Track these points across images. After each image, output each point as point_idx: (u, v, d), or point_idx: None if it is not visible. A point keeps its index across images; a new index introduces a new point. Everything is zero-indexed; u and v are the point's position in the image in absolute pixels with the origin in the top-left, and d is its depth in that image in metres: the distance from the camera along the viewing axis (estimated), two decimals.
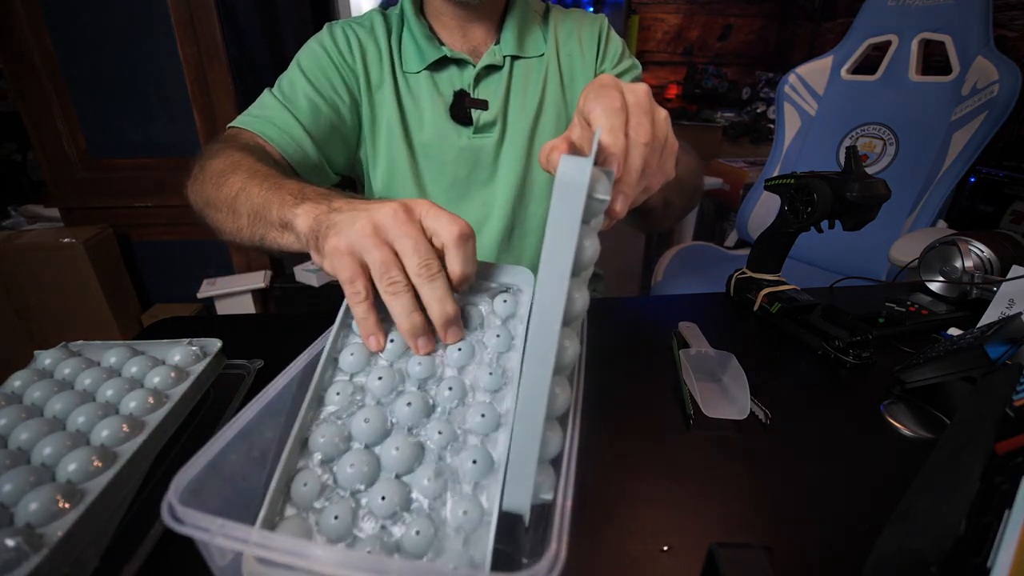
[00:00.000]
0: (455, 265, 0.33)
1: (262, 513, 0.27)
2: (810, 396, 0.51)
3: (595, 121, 0.32)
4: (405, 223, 0.33)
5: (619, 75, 0.77)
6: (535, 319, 0.26)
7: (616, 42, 0.78)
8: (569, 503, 0.25)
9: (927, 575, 0.26)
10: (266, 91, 0.68)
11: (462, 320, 0.35)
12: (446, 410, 0.32)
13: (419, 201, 0.34)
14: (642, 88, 0.35)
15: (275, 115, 0.64)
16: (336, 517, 0.27)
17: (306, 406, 0.31)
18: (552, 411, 0.29)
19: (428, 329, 0.34)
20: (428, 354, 0.34)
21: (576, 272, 0.30)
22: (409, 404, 0.32)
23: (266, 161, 0.55)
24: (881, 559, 0.30)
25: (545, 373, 0.26)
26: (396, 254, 0.33)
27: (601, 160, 0.32)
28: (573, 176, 0.26)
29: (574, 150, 0.34)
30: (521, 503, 0.26)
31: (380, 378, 0.33)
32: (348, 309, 0.36)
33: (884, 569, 0.29)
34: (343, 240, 0.33)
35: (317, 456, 0.30)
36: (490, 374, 0.33)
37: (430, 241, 0.34)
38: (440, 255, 0.34)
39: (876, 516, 0.34)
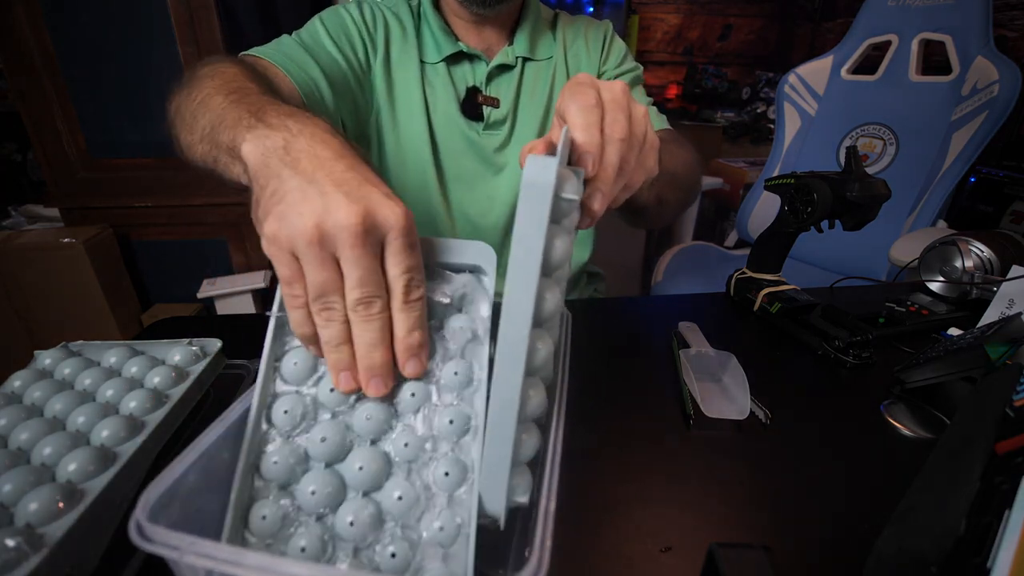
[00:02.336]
0: (398, 327, 0.28)
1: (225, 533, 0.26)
2: (810, 396, 0.51)
3: (569, 119, 0.31)
4: (359, 246, 0.26)
5: (619, 75, 0.78)
6: (504, 321, 0.25)
7: (619, 46, 0.80)
8: (552, 507, 0.24)
9: (927, 575, 0.26)
10: (284, 36, 0.66)
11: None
12: (411, 417, 0.30)
13: (392, 214, 0.27)
14: (619, 85, 0.33)
15: (294, 53, 0.62)
16: (303, 549, 0.26)
17: (251, 427, 0.28)
18: (525, 414, 0.28)
19: (354, 366, 0.29)
20: (349, 392, 0.29)
21: (547, 272, 0.29)
22: (368, 418, 0.29)
23: (261, 83, 0.46)
24: (881, 559, 0.30)
25: (516, 376, 0.25)
26: (341, 274, 0.28)
27: (576, 159, 0.31)
28: (538, 176, 0.25)
29: (552, 150, 0.32)
30: (496, 509, 0.26)
31: (332, 389, 0.30)
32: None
33: (884, 569, 0.29)
34: (283, 231, 0.27)
35: (273, 483, 0.28)
36: (455, 373, 0.30)
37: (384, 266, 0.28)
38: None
39: (876, 516, 0.34)
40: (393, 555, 0.26)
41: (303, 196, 0.27)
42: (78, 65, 1.46)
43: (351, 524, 0.26)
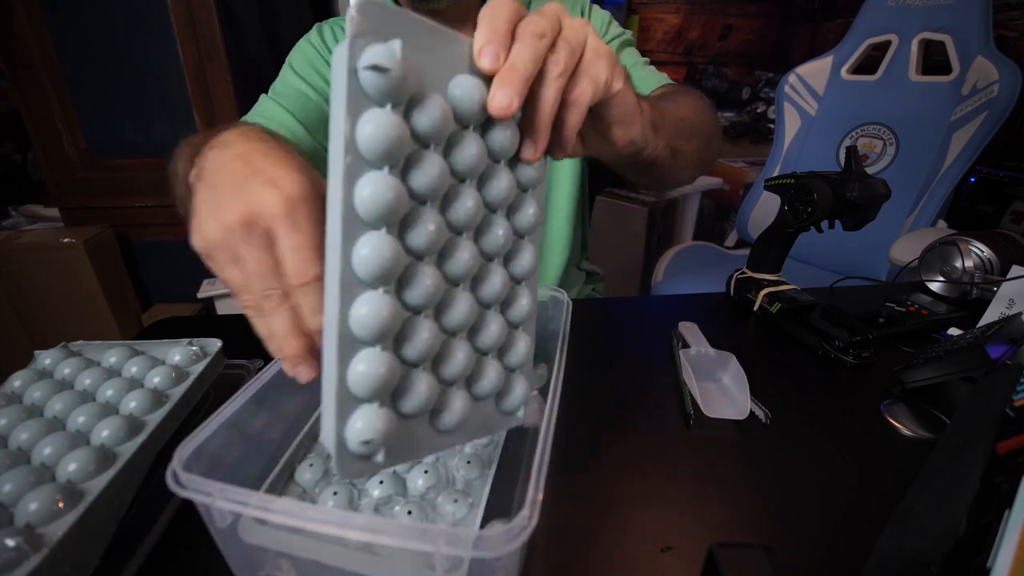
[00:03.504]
0: (300, 313, 0.26)
1: (265, 485, 0.28)
2: (810, 396, 0.51)
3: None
4: (244, 243, 0.26)
5: (608, 43, 0.73)
6: (327, 222, 0.23)
7: (600, 16, 0.76)
8: (540, 498, 0.24)
9: (927, 575, 0.26)
10: (262, 96, 0.69)
11: None
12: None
13: (269, 198, 0.26)
14: (552, 4, 0.30)
15: (268, 110, 0.65)
16: (335, 493, 0.29)
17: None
18: (348, 331, 0.23)
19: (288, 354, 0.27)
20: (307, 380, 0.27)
21: (364, 158, 0.23)
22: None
23: None
24: (881, 559, 0.30)
25: (332, 283, 0.23)
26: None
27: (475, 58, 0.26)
28: (339, 54, 0.22)
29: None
30: (327, 440, 0.23)
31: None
32: None
33: (884, 569, 0.29)
34: (201, 243, 0.28)
35: (325, 452, 0.30)
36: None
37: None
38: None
39: (876, 516, 0.34)
40: (410, 512, 0.29)
41: (203, 206, 0.28)
42: (78, 65, 1.46)
43: (380, 482, 0.29)
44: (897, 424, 0.45)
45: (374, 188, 0.22)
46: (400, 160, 0.23)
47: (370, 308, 0.22)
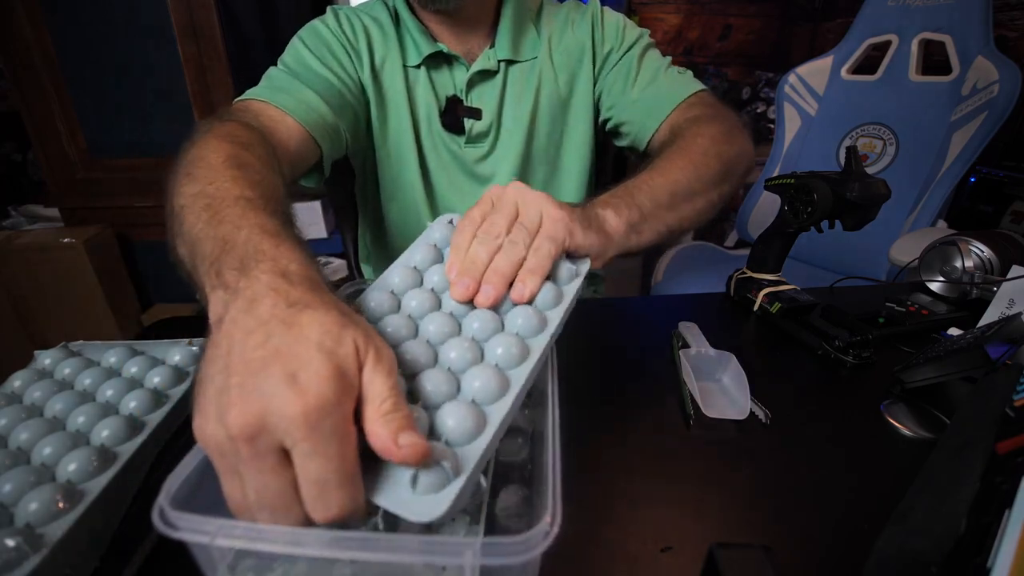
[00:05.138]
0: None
1: None
2: (810, 396, 0.51)
3: None
4: (248, 459, 0.22)
5: (627, 50, 0.72)
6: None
7: (613, 21, 0.73)
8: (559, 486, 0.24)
9: (927, 575, 0.26)
10: (271, 68, 0.65)
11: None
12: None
13: (288, 407, 0.22)
14: (509, 188, 0.38)
15: (286, 85, 0.60)
16: None
17: None
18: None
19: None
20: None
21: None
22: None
23: (256, 151, 0.44)
24: (881, 559, 0.30)
25: None
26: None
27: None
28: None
29: None
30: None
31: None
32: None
33: (884, 569, 0.29)
34: (199, 439, 0.23)
35: None
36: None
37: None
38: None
39: (876, 516, 0.34)
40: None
41: (208, 393, 0.23)
42: (78, 65, 1.46)
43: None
44: (897, 424, 0.45)
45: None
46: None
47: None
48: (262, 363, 0.23)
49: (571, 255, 0.39)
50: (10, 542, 0.26)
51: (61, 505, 0.29)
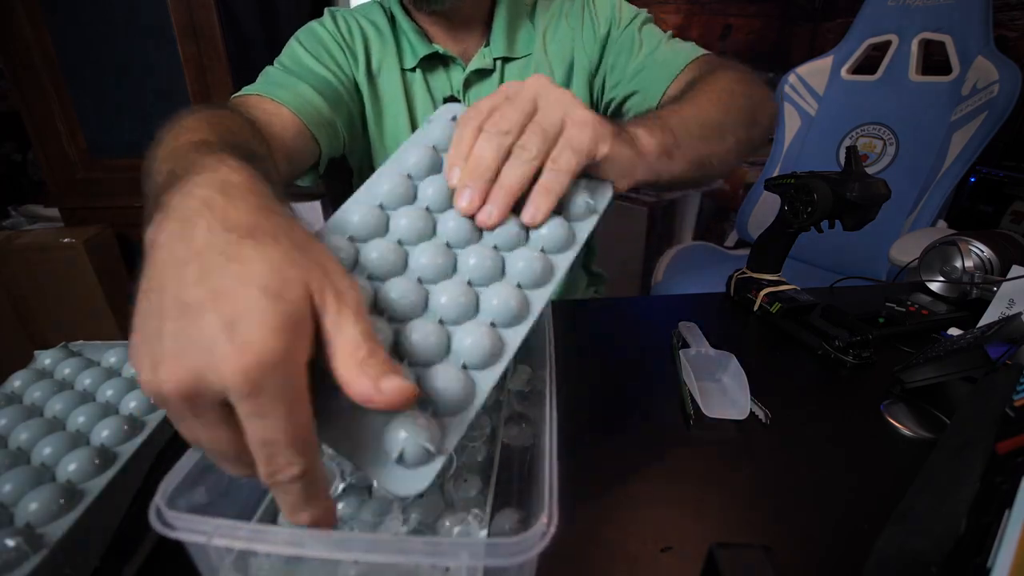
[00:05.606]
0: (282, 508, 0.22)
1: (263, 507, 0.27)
2: (810, 396, 0.51)
3: None
4: (187, 417, 0.20)
5: (626, 26, 0.71)
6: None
7: (605, 1, 0.72)
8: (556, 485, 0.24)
9: (927, 575, 0.26)
10: (267, 67, 0.65)
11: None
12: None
13: (226, 366, 0.19)
14: (530, 81, 0.32)
15: (282, 79, 0.60)
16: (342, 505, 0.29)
17: None
18: None
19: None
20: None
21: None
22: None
23: (242, 133, 0.40)
24: (881, 559, 0.30)
25: None
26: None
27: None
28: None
29: None
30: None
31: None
32: None
33: (884, 569, 0.29)
34: (146, 383, 0.20)
35: (328, 451, 0.29)
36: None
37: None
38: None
39: (876, 516, 0.34)
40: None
41: (141, 336, 0.21)
42: (78, 65, 1.45)
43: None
44: (897, 424, 0.45)
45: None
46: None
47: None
48: (198, 308, 0.20)
49: (590, 175, 0.33)
50: (10, 542, 0.26)
51: (61, 505, 0.29)
